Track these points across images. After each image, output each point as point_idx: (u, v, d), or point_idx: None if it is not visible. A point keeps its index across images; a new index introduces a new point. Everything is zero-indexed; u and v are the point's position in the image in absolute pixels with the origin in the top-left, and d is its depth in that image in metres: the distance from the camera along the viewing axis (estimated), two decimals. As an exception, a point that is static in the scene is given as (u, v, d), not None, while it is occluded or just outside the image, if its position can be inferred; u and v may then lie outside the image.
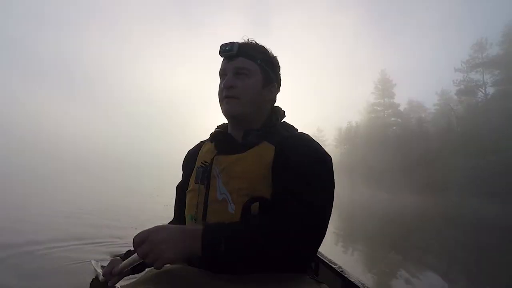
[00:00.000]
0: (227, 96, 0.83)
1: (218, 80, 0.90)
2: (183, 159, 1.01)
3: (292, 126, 0.93)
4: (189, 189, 0.89)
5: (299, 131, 0.90)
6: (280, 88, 0.94)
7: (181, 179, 0.99)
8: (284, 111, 0.95)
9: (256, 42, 0.89)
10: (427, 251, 5.39)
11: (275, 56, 0.91)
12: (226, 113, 0.86)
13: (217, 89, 0.89)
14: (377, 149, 33.53)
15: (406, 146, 30.08)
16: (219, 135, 0.90)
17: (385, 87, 39.34)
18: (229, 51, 0.84)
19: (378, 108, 39.78)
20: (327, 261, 1.40)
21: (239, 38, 0.88)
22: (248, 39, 0.88)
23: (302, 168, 0.74)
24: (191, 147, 1.01)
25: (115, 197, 11.29)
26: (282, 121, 0.93)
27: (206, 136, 0.98)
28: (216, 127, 0.97)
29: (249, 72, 0.84)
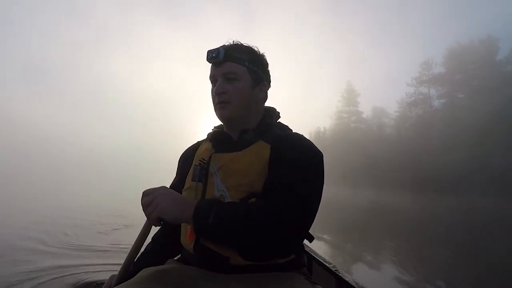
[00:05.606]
0: (219, 102, 0.86)
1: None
2: (180, 157, 1.02)
3: (287, 126, 0.95)
4: (185, 187, 0.90)
5: (293, 131, 0.93)
6: (271, 84, 0.96)
7: (174, 178, 1.00)
8: (279, 112, 0.98)
9: (241, 44, 0.90)
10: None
11: (262, 54, 0.92)
12: (220, 117, 0.88)
13: (210, 93, 0.91)
14: (341, 151, 38.24)
15: (365, 149, 34.99)
16: (217, 134, 0.91)
17: (350, 96, 44.48)
18: (216, 58, 0.84)
19: (344, 115, 45.06)
20: (321, 260, 1.40)
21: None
22: (233, 42, 0.89)
23: (296, 163, 0.77)
24: (189, 146, 1.02)
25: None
26: (278, 121, 0.96)
27: (196, 136, 0.99)
28: (213, 127, 0.99)
29: (237, 76, 0.85)
